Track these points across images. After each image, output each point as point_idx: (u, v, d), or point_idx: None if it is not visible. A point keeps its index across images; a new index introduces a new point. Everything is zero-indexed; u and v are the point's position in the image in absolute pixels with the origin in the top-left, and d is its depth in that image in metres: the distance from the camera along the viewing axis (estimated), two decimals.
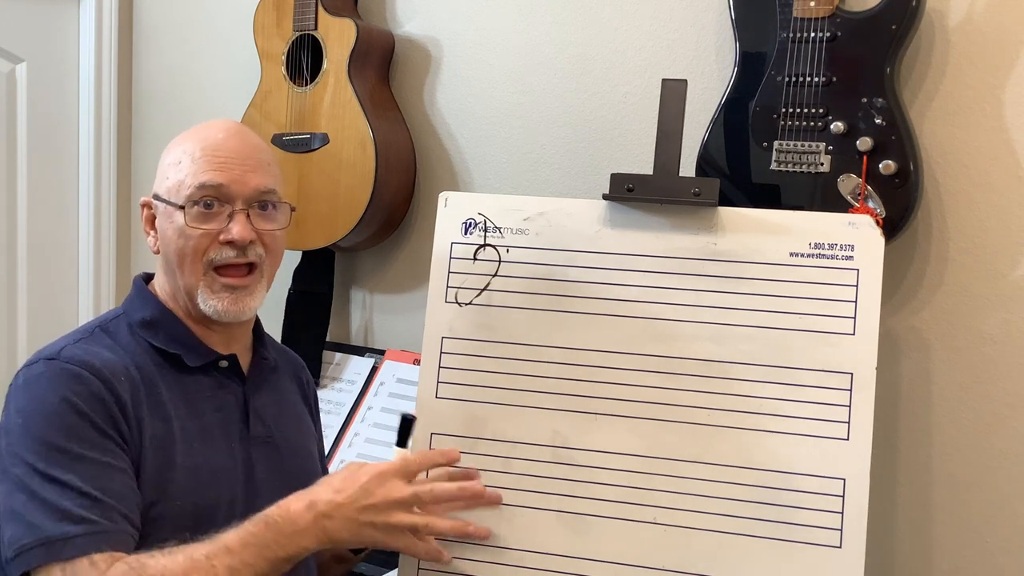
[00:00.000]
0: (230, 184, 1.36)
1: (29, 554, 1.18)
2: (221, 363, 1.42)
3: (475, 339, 1.62)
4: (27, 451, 1.23)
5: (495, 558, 1.56)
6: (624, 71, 2.09)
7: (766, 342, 1.52)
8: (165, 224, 1.39)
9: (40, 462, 1.22)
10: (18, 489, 1.22)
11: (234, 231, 1.35)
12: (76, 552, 1.18)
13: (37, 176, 2.65)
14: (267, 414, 1.46)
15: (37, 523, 1.19)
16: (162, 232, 1.40)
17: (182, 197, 1.36)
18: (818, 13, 1.73)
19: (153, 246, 1.43)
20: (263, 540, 1.22)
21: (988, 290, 1.78)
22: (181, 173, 1.37)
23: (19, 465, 1.23)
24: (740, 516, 1.49)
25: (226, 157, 1.37)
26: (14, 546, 1.20)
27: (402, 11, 2.32)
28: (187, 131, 1.43)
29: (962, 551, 1.81)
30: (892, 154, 1.71)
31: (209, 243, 1.36)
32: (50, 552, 1.18)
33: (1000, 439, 1.78)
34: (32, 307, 2.65)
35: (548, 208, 1.65)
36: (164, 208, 1.39)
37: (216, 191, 1.35)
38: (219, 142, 1.38)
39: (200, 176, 1.35)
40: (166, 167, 1.40)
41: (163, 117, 2.74)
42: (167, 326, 1.40)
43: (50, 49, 2.67)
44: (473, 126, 2.26)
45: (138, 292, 1.44)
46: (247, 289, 1.38)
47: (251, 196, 1.38)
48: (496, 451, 1.59)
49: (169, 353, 1.38)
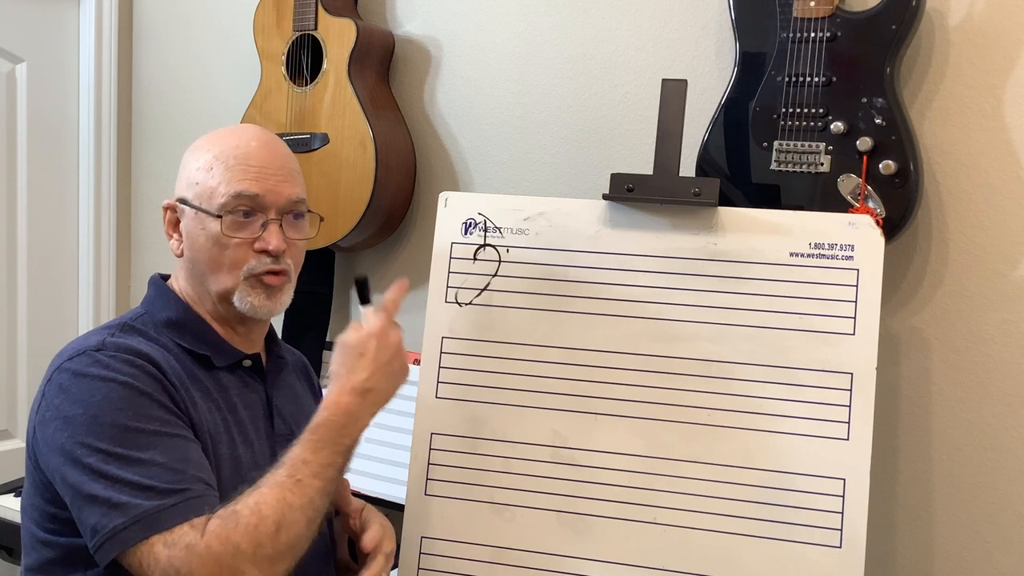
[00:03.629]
0: (265, 194, 1.38)
1: (125, 533, 1.19)
2: (245, 362, 1.45)
3: (475, 339, 1.62)
4: (99, 438, 1.23)
5: (495, 558, 1.56)
6: (624, 71, 2.09)
7: (766, 342, 1.52)
8: (195, 230, 1.40)
9: (116, 446, 1.23)
10: (96, 476, 1.22)
11: (272, 242, 1.38)
12: (175, 520, 1.20)
13: (37, 176, 2.65)
14: (287, 412, 1.49)
15: (126, 502, 1.20)
16: (191, 237, 1.40)
17: (216, 205, 1.37)
18: (818, 13, 1.73)
19: (176, 249, 1.43)
20: (329, 439, 1.28)
21: (988, 290, 1.78)
22: (214, 180, 1.38)
23: (92, 454, 1.22)
24: (740, 516, 1.49)
25: (260, 166, 1.39)
26: (104, 530, 1.20)
27: (402, 11, 2.32)
28: (213, 135, 1.43)
29: (962, 551, 1.81)
30: (892, 154, 1.71)
31: (246, 252, 1.38)
32: (149, 526, 1.19)
33: (1000, 439, 1.78)
34: (32, 307, 2.65)
35: (548, 208, 1.65)
36: (194, 214, 1.39)
37: (252, 201, 1.37)
38: (252, 151, 1.39)
39: (235, 185, 1.37)
40: (194, 172, 1.40)
41: (163, 117, 2.74)
42: (193, 326, 1.41)
43: (50, 49, 2.66)
44: (473, 126, 2.26)
45: (159, 293, 1.45)
46: (280, 288, 1.42)
47: (284, 206, 1.40)
48: (496, 451, 1.59)
49: (197, 353, 1.40)
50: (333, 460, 1.28)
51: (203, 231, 1.38)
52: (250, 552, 1.19)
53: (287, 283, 1.43)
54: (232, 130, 1.44)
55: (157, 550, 1.19)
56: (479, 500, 1.59)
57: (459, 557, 1.57)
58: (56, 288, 2.72)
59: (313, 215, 1.47)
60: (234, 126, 1.46)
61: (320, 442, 1.28)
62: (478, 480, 1.59)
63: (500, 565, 1.56)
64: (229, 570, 1.18)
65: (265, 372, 1.48)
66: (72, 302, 2.75)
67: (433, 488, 1.61)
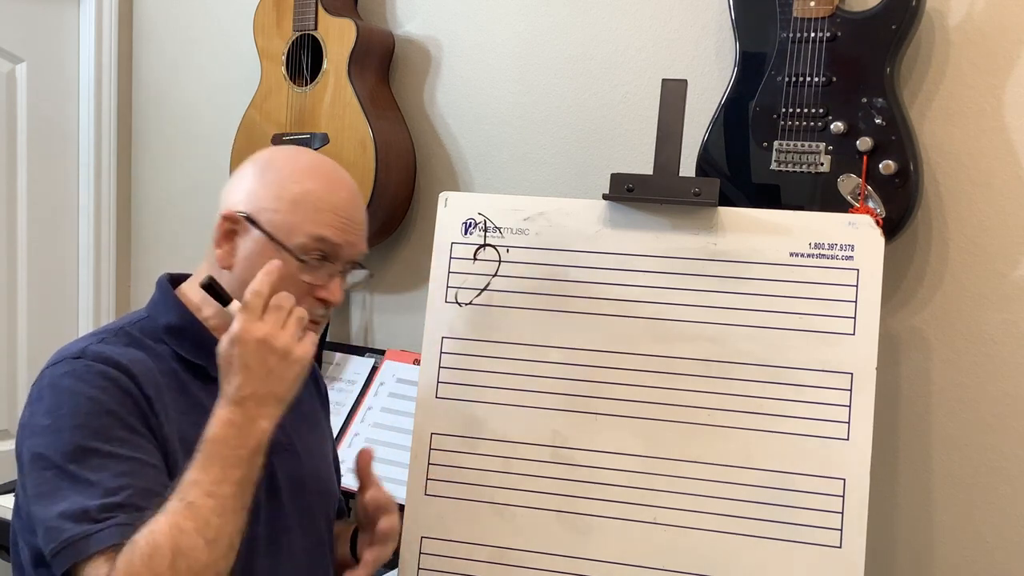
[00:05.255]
0: (344, 246, 1.37)
1: (57, 558, 1.20)
2: None
3: (475, 339, 1.62)
4: (56, 453, 1.23)
5: (495, 558, 1.56)
6: (624, 71, 2.09)
7: (766, 342, 1.52)
8: (259, 258, 1.34)
9: (69, 463, 1.22)
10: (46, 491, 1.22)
11: (335, 296, 1.37)
12: (95, 547, 1.19)
13: (37, 176, 2.65)
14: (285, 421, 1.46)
15: (56, 527, 1.20)
16: (251, 262, 1.35)
17: (294, 243, 1.34)
18: (818, 13, 1.73)
19: (224, 261, 1.37)
20: (217, 454, 1.23)
21: (988, 290, 1.78)
22: (298, 216, 1.34)
23: (49, 468, 1.23)
24: (740, 516, 1.49)
25: (347, 218, 1.37)
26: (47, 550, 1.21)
27: (402, 11, 2.32)
28: (295, 164, 1.38)
29: (962, 551, 1.81)
30: (892, 154, 1.71)
31: (303, 295, 1.35)
32: (75, 552, 1.19)
33: (1000, 439, 1.78)
34: (32, 307, 2.65)
35: (548, 208, 1.65)
36: (264, 239, 1.35)
37: (332, 249, 1.36)
38: (342, 200, 1.37)
39: (323, 230, 1.34)
40: (275, 199, 1.35)
41: (163, 117, 2.74)
42: (192, 334, 1.39)
43: (50, 49, 2.66)
44: (473, 126, 2.26)
45: (163, 296, 1.42)
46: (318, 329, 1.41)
47: (353, 259, 1.40)
48: (496, 451, 1.59)
49: (193, 363, 1.38)
50: (225, 475, 1.22)
51: (265, 260, 1.32)
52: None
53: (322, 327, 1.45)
54: (323, 168, 1.40)
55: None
56: (479, 500, 1.59)
57: (459, 557, 1.57)
58: (56, 288, 2.72)
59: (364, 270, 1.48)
60: (320, 162, 1.41)
61: (207, 459, 1.23)
62: (478, 480, 1.59)
63: (500, 565, 1.56)
64: None
65: None
66: (72, 302, 2.75)
67: (433, 488, 1.61)
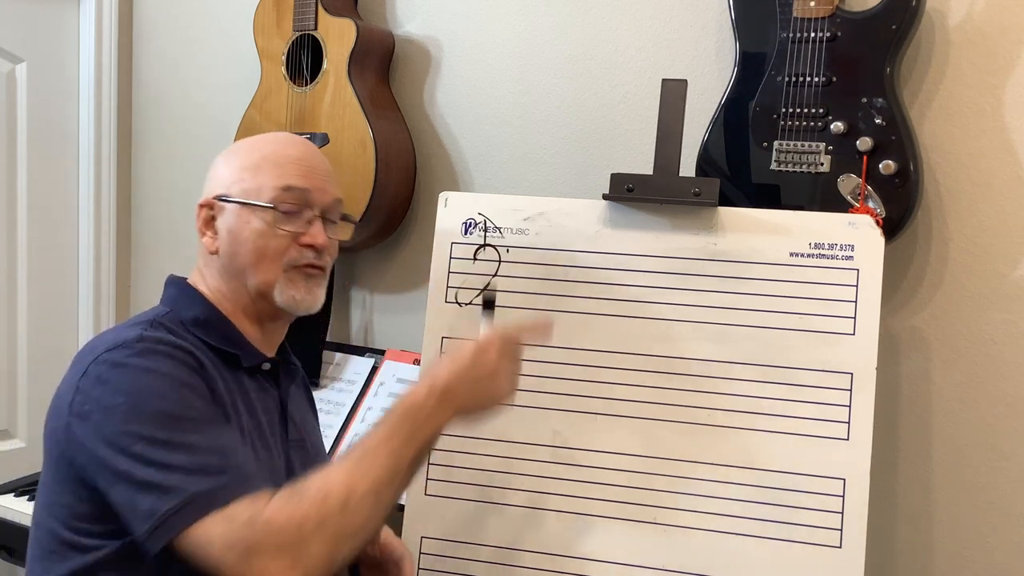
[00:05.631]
0: (313, 190, 1.41)
1: (178, 515, 1.17)
2: (265, 366, 1.45)
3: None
4: (143, 426, 1.22)
5: (495, 558, 1.56)
6: (624, 71, 2.09)
7: (766, 342, 1.52)
8: (238, 225, 1.40)
9: (161, 433, 1.22)
10: (142, 464, 1.20)
11: (318, 238, 1.41)
12: (230, 497, 1.18)
13: (37, 176, 2.65)
14: (297, 417, 1.50)
15: (176, 486, 1.19)
16: (234, 233, 1.41)
17: (265, 198, 1.39)
18: (818, 13, 1.73)
19: (211, 246, 1.43)
20: (398, 427, 1.27)
21: (988, 290, 1.78)
22: (262, 176, 1.40)
23: (138, 442, 1.21)
24: (740, 516, 1.49)
25: (309, 166, 1.43)
26: (154, 517, 1.18)
27: (402, 11, 2.32)
28: (253, 141, 1.47)
29: (962, 551, 1.81)
30: (892, 154, 1.71)
31: (289, 245, 1.40)
32: (204, 505, 1.18)
33: (1000, 439, 1.78)
34: (32, 307, 2.65)
35: (548, 208, 1.65)
36: (237, 208, 1.40)
37: (301, 195, 1.40)
38: (299, 152, 1.44)
39: (286, 179, 1.40)
40: (238, 170, 1.42)
41: (163, 117, 2.74)
42: (219, 326, 1.41)
43: (50, 49, 2.67)
44: (473, 126, 2.26)
45: (182, 291, 1.44)
46: (318, 279, 1.44)
47: (329, 205, 1.43)
48: (496, 451, 1.59)
49: (224, 352, 1.39)
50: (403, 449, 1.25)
51: (248, 224, 1.39)
52: (315, 527, 1.17)
53: (323, 278, 1.45)
54: (269, 137, 1.49)
55: (212, 528, 1.17)
56: (479, 500, 1.59)
57: (459, 557, 1.57)
58: (56, 288, 2.72)
59: (347, 222, 1.49)
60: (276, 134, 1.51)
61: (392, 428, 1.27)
62: (478, 480, 1.59)
63: (500, 565, 1.56)
64: (292, 544, 1.17)
65: (280, 379, 1.48)
66: (72, 302, 2.75)
67: (433, 488, 1.61)
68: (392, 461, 1.24)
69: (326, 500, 1.19)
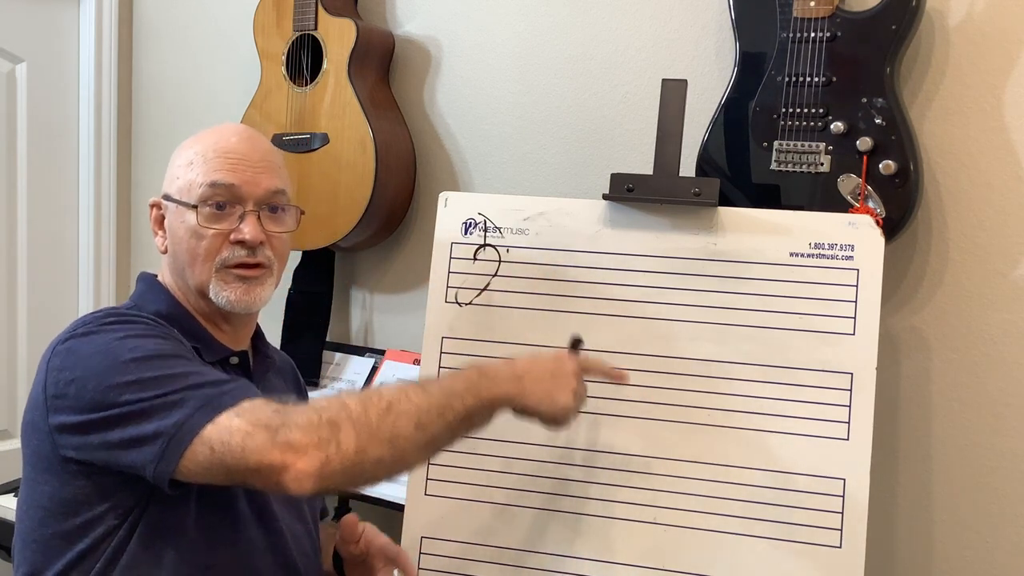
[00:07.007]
0: (242, 185, 1.38)
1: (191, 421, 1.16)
2: (232, 359, 1.44)
3: (475, 339, 1.62)
4: (126, 375, 1.21)
5: (495, 558, 1.56)
6: (624, 71, 2.09)
7: (766, 342, 1.52)
8: (176, 224, 1.40)
9: (148, 372, 1.21)
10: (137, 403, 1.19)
11: (246, 232, 1.37)
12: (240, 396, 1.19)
13: (37, 176, 2.65)
14: None
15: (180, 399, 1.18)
16: (172, 232, 1.41)
17: (194, 196, 1.38)
18: (818, 13, 1.73)
19: (161, 246, 1.44)
20: (466, 376, 1.30)
21: (988, 290, 1.78)
22: (192, 173, 1.39)
23: (125, 391, 1.20)
24: (740, 516, 1.49)
25: (238, 159, 1.39)
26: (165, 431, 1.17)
27: (402, 11, 2.32)
28: (197, 134, 1.45)
29: (962, 551, 1.81)
30: (892, 154, 1.71)
31: (221, 243, 1.38)
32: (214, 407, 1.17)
33: (1000, 439, 1.78)
34: (32, 307, 2.65)
35: (548, 208, 1.65)
36: (175, 208, 1.40)
37: (228, 191, 1.38)
38: (231, 144, 1.40)
39: (212, 175, 1.37)
40: (176, 168, 1.42)
41: (163, 117, 2.74)
42: (182, 321, 1.41)
43: (50, 49, 2.66)
44: (473, 126, 2.26)
45: (149, 287, 1.45)
46: (258, 279, 1.40)
47: (262, 197, 1.40)
48: (496, 451, 1.59)
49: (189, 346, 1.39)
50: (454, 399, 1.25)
51: (182, 223, 1.39)
52: (355, 415, 1.17)
53: (267, 276, 1.41)
54: (215, 128, 1.45)
55: (230, 421, 1.16)
56: (479, 500, 1.59)
57: (459, 557, 1.57)
58: (56, 288, 2.71)
59: (294, 208, 1.45)
60: (218, 125, 1.47)
61: (455, 374, 1.30)
62: (478, 480, 1.59)
63: (500, 565, 1.56)
64: (329, 423, 1.15)
65: (251, 371, 1.47)
66: (72, 302, 2.75)
67: (433, 488, 1.61)
68: (445, 399, 1.24)
69: (373, 396, 1.20)
